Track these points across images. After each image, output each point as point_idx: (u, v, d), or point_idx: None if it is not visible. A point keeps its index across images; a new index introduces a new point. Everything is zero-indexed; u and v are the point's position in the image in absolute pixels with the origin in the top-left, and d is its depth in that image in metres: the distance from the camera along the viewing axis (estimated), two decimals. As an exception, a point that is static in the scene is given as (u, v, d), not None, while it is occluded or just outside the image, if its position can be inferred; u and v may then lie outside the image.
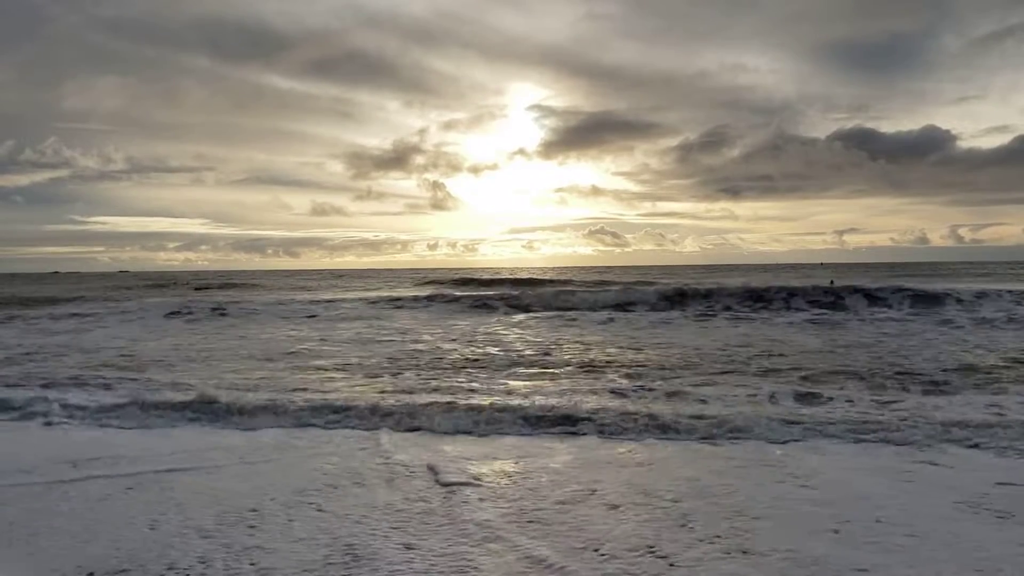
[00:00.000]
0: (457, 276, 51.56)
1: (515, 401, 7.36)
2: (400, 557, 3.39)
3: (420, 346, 13.01)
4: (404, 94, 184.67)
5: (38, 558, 3.46)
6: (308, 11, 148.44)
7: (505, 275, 54.24)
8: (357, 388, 8.61)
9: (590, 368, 10.01)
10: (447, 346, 12.97)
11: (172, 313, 20.36)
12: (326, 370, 10.21)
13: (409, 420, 6.55)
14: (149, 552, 3.49)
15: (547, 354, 11.72)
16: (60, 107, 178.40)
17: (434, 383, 8.83)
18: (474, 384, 8.78)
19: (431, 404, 7.11)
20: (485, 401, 7.33)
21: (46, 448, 5.70)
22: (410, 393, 8.08)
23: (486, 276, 51.50)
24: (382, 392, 8.24)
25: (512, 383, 8.91)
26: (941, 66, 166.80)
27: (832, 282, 42.94)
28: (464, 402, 7.31)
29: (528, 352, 11.94)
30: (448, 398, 7.57)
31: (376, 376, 9.55)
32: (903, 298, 19.40)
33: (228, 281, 53.53)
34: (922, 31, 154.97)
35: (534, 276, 51.60)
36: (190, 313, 20.27)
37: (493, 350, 12.28)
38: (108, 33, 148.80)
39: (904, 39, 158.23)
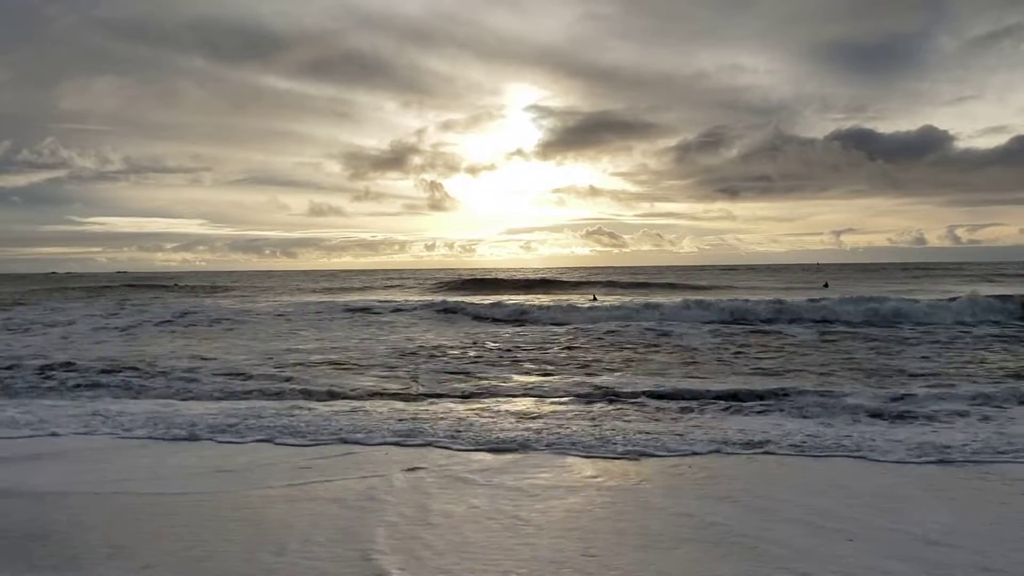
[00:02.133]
0: (455, 279, 51.11)
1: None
2: None
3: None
4: (401, 95, 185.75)
5: None
6: (304, 12, 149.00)
7: (503, 276, 53.90)
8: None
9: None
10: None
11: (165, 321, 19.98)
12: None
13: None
14: None
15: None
16: (57, 107, 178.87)
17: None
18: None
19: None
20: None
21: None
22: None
23: (485, 277, 51.09)
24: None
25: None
26: (938, 66, 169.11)
27: (826, 284, 43.39)
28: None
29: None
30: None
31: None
32: None
33: (216, 284, 52.92)
34: (919, 32, 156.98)
35: (533, 278, 51.19)
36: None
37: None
38: (105, 34, 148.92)
39: (901, 40, 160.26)
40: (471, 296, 28.91)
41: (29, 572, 3.47)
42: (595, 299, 26.32)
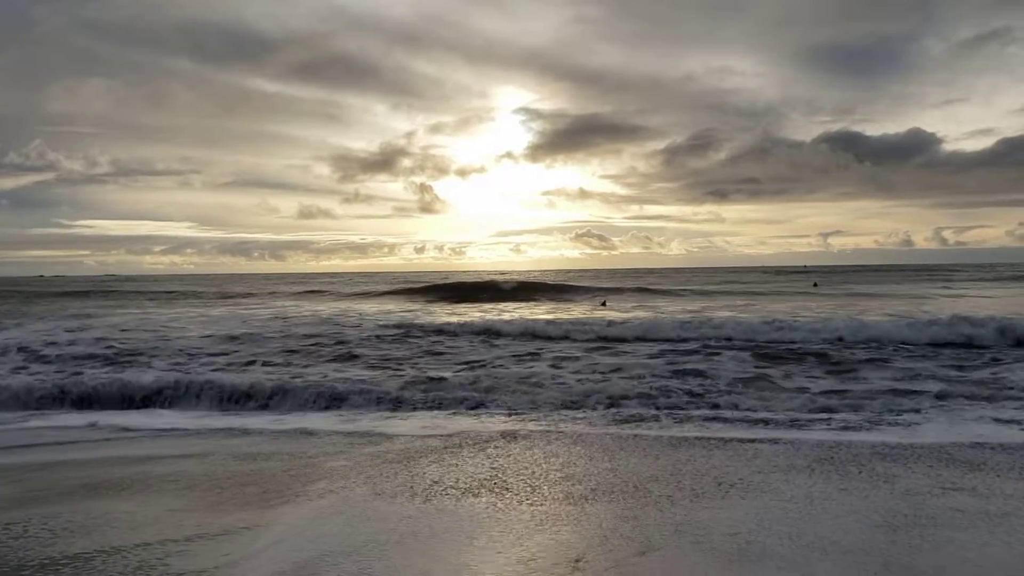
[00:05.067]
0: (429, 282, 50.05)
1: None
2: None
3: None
4: (390, 97, 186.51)
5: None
6: (291, 14, 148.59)
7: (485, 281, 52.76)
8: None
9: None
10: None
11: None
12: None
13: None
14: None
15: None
16: (45, 110, 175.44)
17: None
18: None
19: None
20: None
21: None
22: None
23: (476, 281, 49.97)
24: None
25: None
26: (925, 69, 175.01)
27: (816, 284, 44.74)
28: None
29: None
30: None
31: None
32: None
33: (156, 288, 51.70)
34: (906, 35, 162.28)
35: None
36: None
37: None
38: (92, 36, 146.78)
39: (888, 43, 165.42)
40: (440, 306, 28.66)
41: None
42: (604, 304, 26.48)
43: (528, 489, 4.41)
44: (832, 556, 3.26)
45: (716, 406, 7.35)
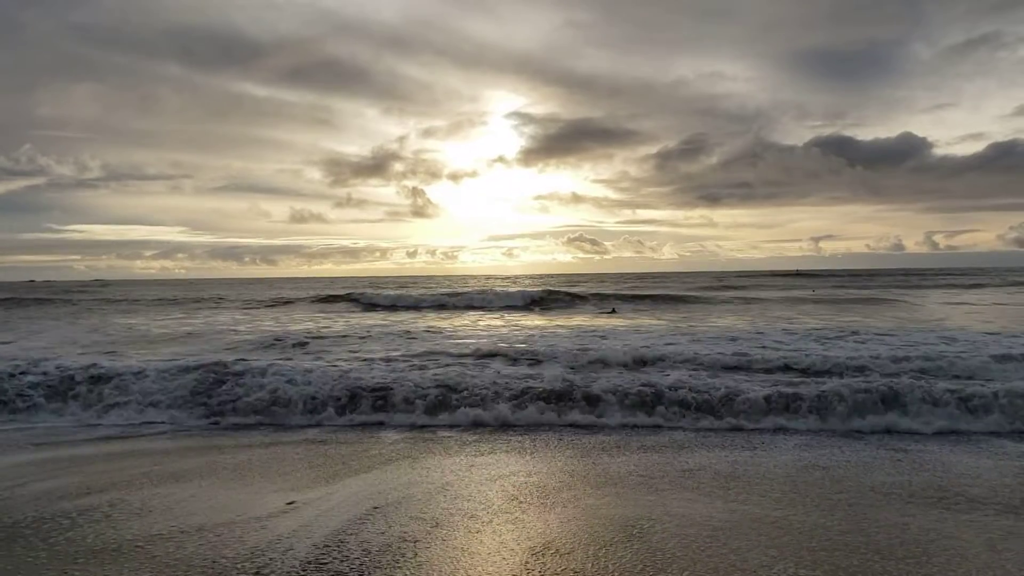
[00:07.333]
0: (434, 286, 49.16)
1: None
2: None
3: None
4: (381, 101, 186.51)
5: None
6: (280, 18, 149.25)
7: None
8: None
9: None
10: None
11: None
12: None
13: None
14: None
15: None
16: (34, 114, 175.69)
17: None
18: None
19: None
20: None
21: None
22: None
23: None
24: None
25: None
26: (914, 74, 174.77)
27: (814, 290, 45.16)
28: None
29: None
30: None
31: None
32: None
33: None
34: (895, 40, 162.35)
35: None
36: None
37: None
38: (81, 40, 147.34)
39: (878, 48, 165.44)
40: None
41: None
42: (614, 311, 26.55)
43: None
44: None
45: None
